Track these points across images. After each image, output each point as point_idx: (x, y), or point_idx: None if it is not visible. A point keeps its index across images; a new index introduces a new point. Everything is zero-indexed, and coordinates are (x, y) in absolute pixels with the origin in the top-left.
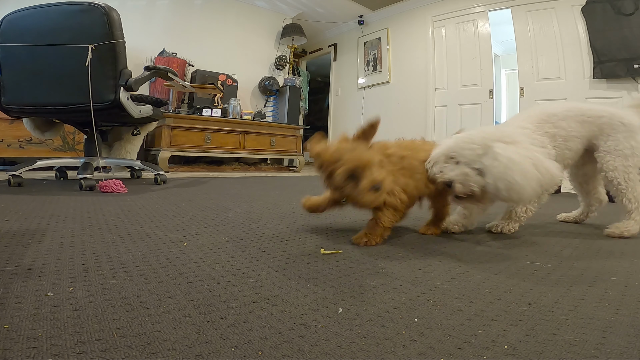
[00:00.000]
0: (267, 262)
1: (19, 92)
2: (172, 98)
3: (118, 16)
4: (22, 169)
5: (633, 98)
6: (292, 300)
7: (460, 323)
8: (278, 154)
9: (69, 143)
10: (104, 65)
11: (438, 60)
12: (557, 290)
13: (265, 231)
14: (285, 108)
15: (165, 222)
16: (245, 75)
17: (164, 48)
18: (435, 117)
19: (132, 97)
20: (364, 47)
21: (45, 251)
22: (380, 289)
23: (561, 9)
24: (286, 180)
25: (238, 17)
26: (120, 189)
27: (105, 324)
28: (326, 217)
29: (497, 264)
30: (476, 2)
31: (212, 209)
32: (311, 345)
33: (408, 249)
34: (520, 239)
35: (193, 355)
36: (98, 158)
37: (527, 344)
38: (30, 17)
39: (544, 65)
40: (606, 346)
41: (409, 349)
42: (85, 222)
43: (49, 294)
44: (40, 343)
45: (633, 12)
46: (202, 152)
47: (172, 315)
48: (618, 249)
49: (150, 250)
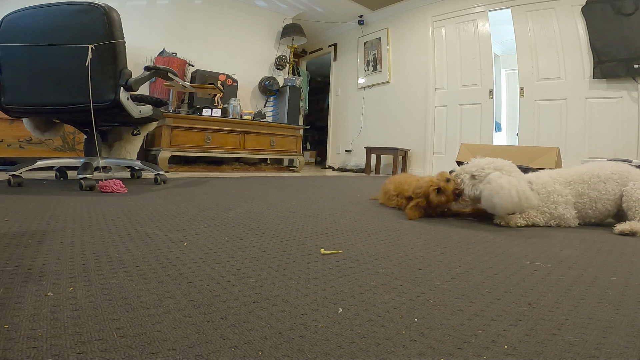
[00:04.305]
0: (267, 262)
1: (19, 92)
2: (172, 98)
3: (118, 16)
4: (22, 169)
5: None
6: (292, 300)
7: (460, 323)
8: (278, 154)
9: (69, 143)
10: (104, 65)
11: (438, 60)
12: (557, 290)
13: (265, 231)
14: (285, 108)
15: (165, 222)
16: (245, 75)
17: (164, 48)
18: (435, 117)
19: (132, 97)
20: (364, 47)
21: (45, 251)
22: (380, 289)
23: (561, 9)
24: (286, 180)
25: (238, 17)
26: (120, 189)
27: (105, 324)
28: (326, 217)
29: (497, 264)
30: (476, 2)
31: (212, 209)
32: (311, 345)
33: (408, 249)
34: (520, 239)
35: (193, 355)
36: (98, 158)
37: (527, 344)
38: (30, 17)
39: (544, 65)
40: (606, 346)
41: (409, 349)
42: (85, 222)
43: (49, 294)
44: (40, 343)
45: (633, 12)
46: (202, 152)
47: (172, 315)
48: (618, 249)
49: (150, 250)
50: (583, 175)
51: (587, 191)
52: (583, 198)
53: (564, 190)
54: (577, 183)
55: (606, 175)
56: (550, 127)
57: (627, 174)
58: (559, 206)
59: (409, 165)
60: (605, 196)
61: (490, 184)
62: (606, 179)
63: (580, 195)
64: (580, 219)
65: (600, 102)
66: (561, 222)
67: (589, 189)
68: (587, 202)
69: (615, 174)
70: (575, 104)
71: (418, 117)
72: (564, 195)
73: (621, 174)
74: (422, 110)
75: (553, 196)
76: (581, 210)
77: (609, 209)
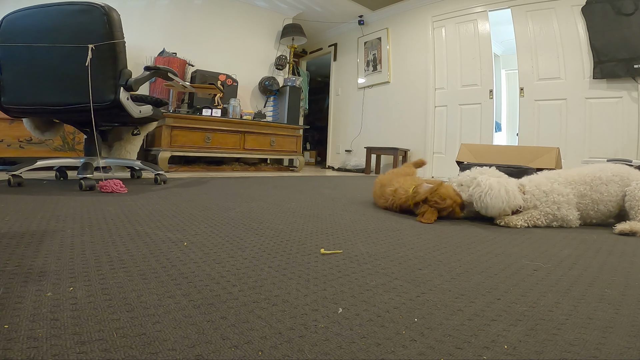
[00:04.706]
0: (267, 262)
1: (19, 92)
2: (172, 98)
3: (118, 16)
4: (22, 169)
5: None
6: (292, 300)
7: (460, 323)
8: (278, 154)
9: (69, 143)
10: (104, 65)
11: (438, 60)
12: (557, 290)
13: (265, 231)
14: (285, 108)
15: (165, 222)
16: (245, 75)
17: (164, 48)
18: (435, 117)
19: (132, 97)
20: (364, 47)
21: (45, 251)
22: (380, 289)
23: (561, 9)
24: (286, 180)
25: (238, 17)
26: (120, 189)
27: (105, 324)
28: (326, 217)
29: (497, 264)
30: (476, 2)
31: (212, 209)
32: (311, 345)
33: (408, 249)
34: (520, 239)
35: (193, 355)
36: (98, 158)
37: (527, 344)
38: (30, 17)
39: (544, 65)
40: (606, 346)
41: (409, 349)
42: (85, 222)
43: (49, 294)
44: (40, 343)
45: (633, 12)
46: (202, 152)
47: (172, 315)
48: (618, 249)
49: (150, 250)
50: (585, 176)
51: (589, 193)
52: (585, 199)
53: (564, 190)
54: (579, 184)
55: (608, 178)
56: (550, 127)
57: (627, 175)
58: (562, 207)
59: None
60: (607, 198)
61: (480, 186)
62: (608, 181)
63: (582, 197)
64: (582, 220)
65: (600, 102)
66: (563, 224)
67: (591, 190)
68: (589, 203)
69: (616, 176)
70: (575, 104)
71: (418, 117)
72: (565, 195)
73: (622, 175)
74: (422, 110)
75: (552, 196)
76: (583, 211)
77: (611, 210)
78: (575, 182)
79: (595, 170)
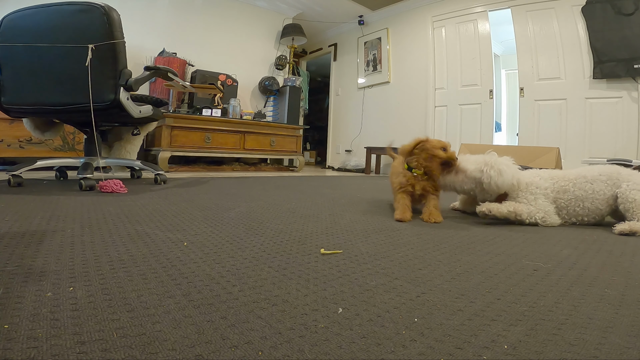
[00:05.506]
0: (267, 262)
1: (19, 92)
2: (172, 98)
3: (118, 16)
4: (22, 169)
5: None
6: (292, 300)
7: (460, 323)
8: (278, 154)
9: (69, 143)
10: (104, 65)
11: (438, 60)
12: (557, 290)
13: (265, 231)
14: (285, 108)
15: (165, 222)
16: (245, 75)
17: (164, 48)
18: (435, 117)
19: (132, 97)
20: (364, 47)
21: (45, 251)
22: (380, 289)
23: (561, 9)
24: (286, 180)
25: (238, 17)
26: (120, 189)
27: (105, 324)
28: (326, 217)
29: (497, 264)
30: (476, 2)
31: (212, 209)
32: (311, 345)
33: (408, 249)
34: (520, 239)
35: (193, 355)
36: (98, 158)
37: (527, 344)
38: (30, 17)
39: (544, 65)
40: (606, 346)
41: (409, 349)
42: (85, 222)
43: (49, 294)
44: (40, 343)
45: (633, 12)
46: (202, 152)
47: (172, 315)
48: (618, 249)
49: (150, 250)
50: (569, 174)
51: (571, 189)
52: (567, 195)
53: (543, 184)
54: (561, 180)
55: (593, 176)
56: (550, 127)
57: (616, 174)
58: (538, 198)
59: None
60: (592, 196)
61: (489, 164)
62: (593, 179)
63: (563, 192)
64: (573, 218)
65: (600, 102)
66: (546, 217)
67: (574, 187)
68: (572, 199)
69: (603, 175)
70: (575, 104)
71: (418, 117)
72: (542, 188)
73: (610, 175)
74: (422, 110)
75: (531, 188)
76: (567, 207)
77: (601, 209)
78: (557, 178)
79: (582, 170)
